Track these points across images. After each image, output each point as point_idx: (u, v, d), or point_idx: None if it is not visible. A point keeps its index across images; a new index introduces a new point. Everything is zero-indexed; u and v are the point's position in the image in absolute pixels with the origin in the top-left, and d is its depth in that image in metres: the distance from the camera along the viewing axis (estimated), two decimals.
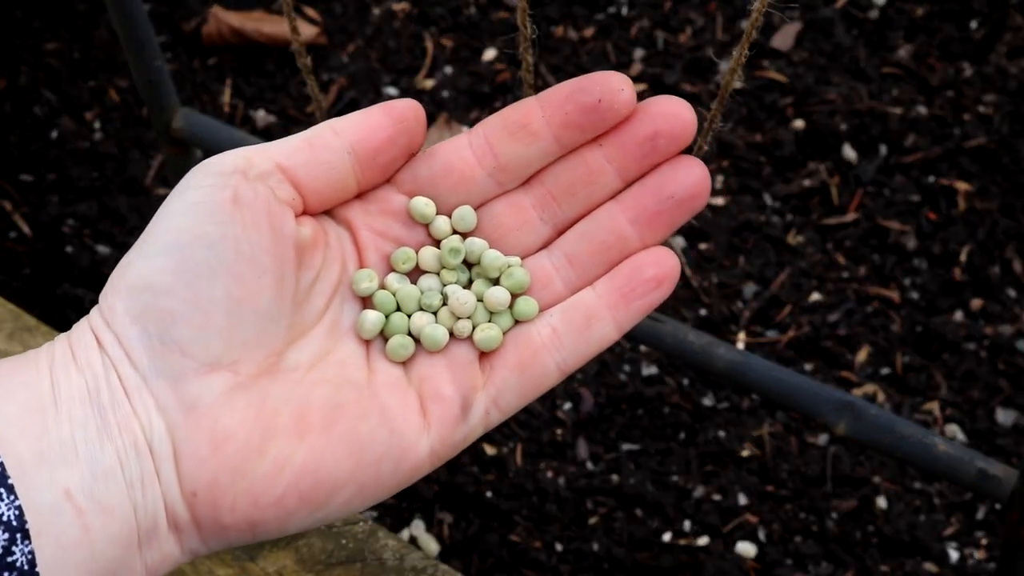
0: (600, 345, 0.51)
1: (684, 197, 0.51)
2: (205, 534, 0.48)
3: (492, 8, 1.52)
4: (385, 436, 0.49)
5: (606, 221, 0.51)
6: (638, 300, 0.51)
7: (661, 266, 0.51)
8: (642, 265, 0.51)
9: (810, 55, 1.44)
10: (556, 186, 0.52)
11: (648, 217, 0.51)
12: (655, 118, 0.51)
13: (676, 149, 0.51)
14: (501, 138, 0.52)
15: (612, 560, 1.08)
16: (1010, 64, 1.42)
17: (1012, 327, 1.23)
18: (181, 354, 0.47)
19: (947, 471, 0.75)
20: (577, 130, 0.51)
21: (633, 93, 0.51)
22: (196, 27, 1.50)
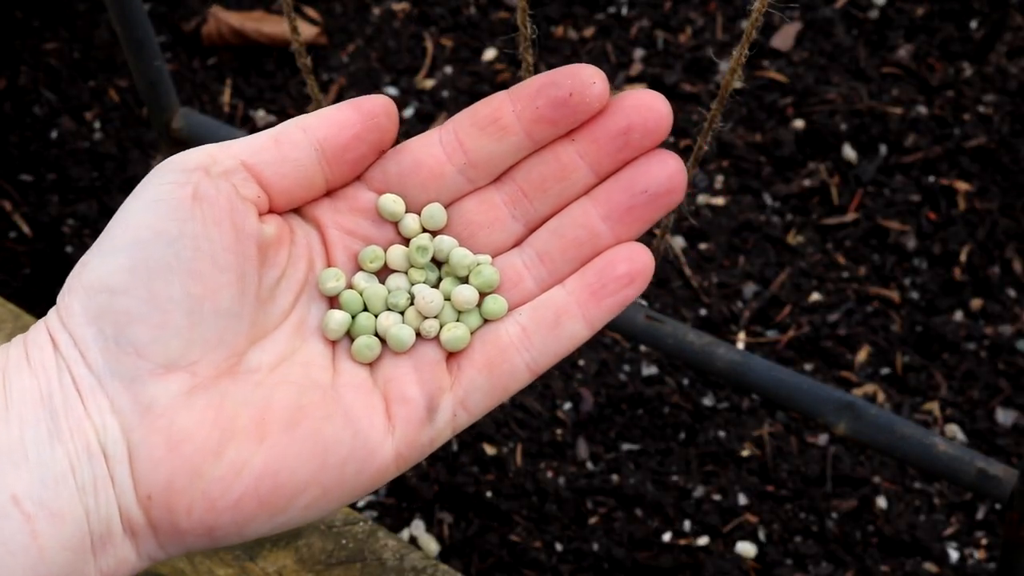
0: (571, 343, 0.50)
1: (658, 192, 0.50)
2: (162, 538, 0.47)
3: (492, 8, 1.52)
4: (348, 438, 0.48)
5: (578, 217, 0.50)
6: (610, 297, 0.50)
7: (634, 262, 0.50)
8: (614, 261, 0.50)
9: (810, 55, 1.44)
10: (528, 182, 0.51)
11: (621, 212, 0.50)
12: (629, 112, 0.49)
13: (651, 143, 0.50)
14: (471, 134, 0.51)
15: (612, 560, 1.08)
16: (1010, 64, 1.42)
17: (1012, 327, 1.23)
18: (137, 355, 0.47)
19: (947, 471, 0.75)
20: (548, 125, 0.50)
21: (606, 86, 0.50)
22: (196, 27, 1.50)
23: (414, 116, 1.42)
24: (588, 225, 0.50)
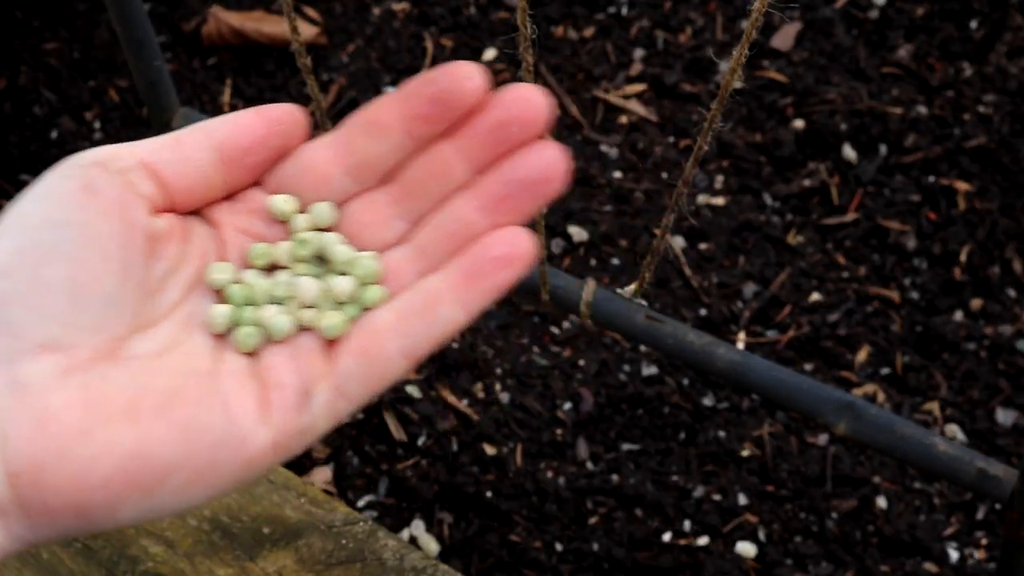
0: (447, 328, 0.51)
1: (533, 180, 0.50)
2: (33, 519, 0.47)
3: (492, 8, 1.52)
4: (221, 423, 0.48)
5: (456, 211, 0.51)
6: (485, 280, 0.50)
7: (511, 245, 0.50)
8: (489, 245, 0.50)
9: (810, 55, 1.44)
10: (411, 181, 0.52)
11: (495, 203, 0.51)
12: (506, 106, 0.50)
13: (530, 136, 0.50)
14: (357, 135, 0.52)
15: (612, 560, 1.08)
16: (1010, 64, 1.42)
17: (1012, 327, 1.23)
18: (14, 335, 0.47)
19: (947, 471, 0.75)
20: (426, 122, 0.51)
21: (482, 82, 0.51)
22: (196, 27, 1.50)
23: None
24: (463, 218, 0.51)
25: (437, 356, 1.21)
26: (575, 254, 1.30)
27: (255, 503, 0.84)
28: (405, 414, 1.15)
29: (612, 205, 1.33)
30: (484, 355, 1.21)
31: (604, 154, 1.38)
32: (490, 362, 1.21)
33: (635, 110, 1.41)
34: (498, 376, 1.20)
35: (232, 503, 0.84)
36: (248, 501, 0.84)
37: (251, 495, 0.85)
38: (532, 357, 1.21)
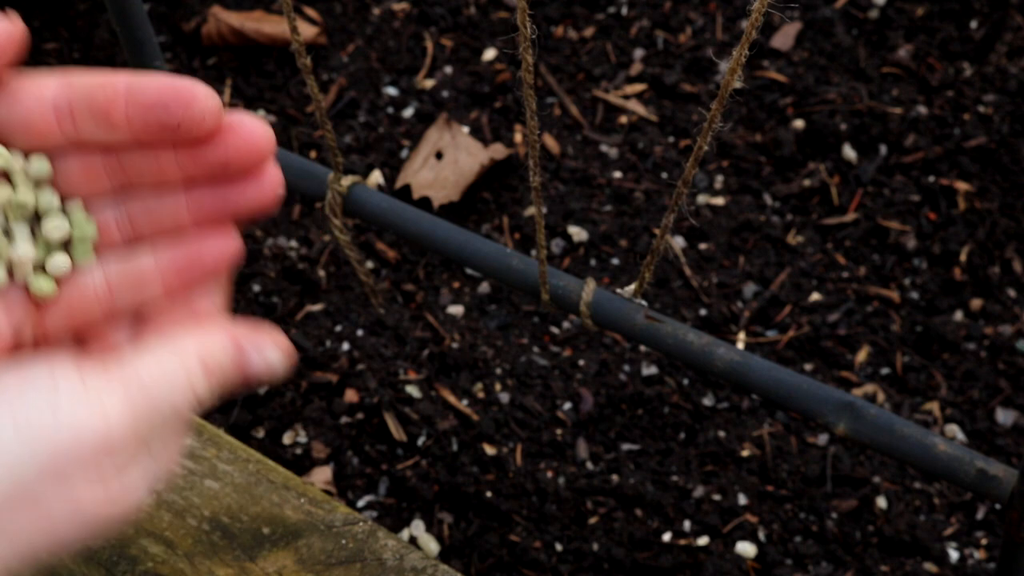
0: (147, 306, 0.54)
1: (247, 208, 0.53)
2: None
3: (492, 8, 1.52)
4: None
5: (170, 206, 0.53)
6: (194, 281, 0.53)
7: (222, 252, 0.53)
8: (205, 247, 0.53)
9: (810, 55, 1.44)
10: (130, 164, 0.54)
11: (209, 217, 0.53)
12: (231, 146, 0.52)
13: (249, 170, 0.52)
14: (84, 114, 0.52)
15: (612, 560, 1.08)
16: (1010, 64, 1.42)
17: (1012, 327, 1.23)
18: None
19: (947, 471, 0.75)
20: (154, 137, 0.52)
21: (217, 119, 0.51)
22: (196, 27, 1.50)
23: (414, 116, 1.42)
24: (177, 217, 0.53)
25: (437, 356, 1.21)
26: (575, 254, 1.30)
27: (255, 503, 0.84)
28: (405, 414, 1.15)
29: (612, 205, 1.33)
30: (484, 355, 1.21)
31: (604, 154, 1.38)
32: (490, 362, 1.21)
33: (635, 110, 1.41)
34: (498, 376, 1.20)
35: (232, 503, 0.84)
36: (248, 501, 0.84)
37: (251, 495, 0.85)
38: (532, 357, 1.21)
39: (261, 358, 0.54)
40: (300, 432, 1.15)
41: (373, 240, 1.31)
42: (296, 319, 1.23)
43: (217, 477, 0.85)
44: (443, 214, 1.33)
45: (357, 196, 0.94)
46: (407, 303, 1.27)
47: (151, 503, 0.84)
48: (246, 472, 0.86)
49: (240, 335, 0.54)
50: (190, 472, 0.86)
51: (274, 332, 0.54)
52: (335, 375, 1.18)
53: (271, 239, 1.31)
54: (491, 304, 1.27)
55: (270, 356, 0.54)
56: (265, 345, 0.54)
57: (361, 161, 1.37)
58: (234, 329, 0.54)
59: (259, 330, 0.54)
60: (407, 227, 0.93)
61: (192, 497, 0.84)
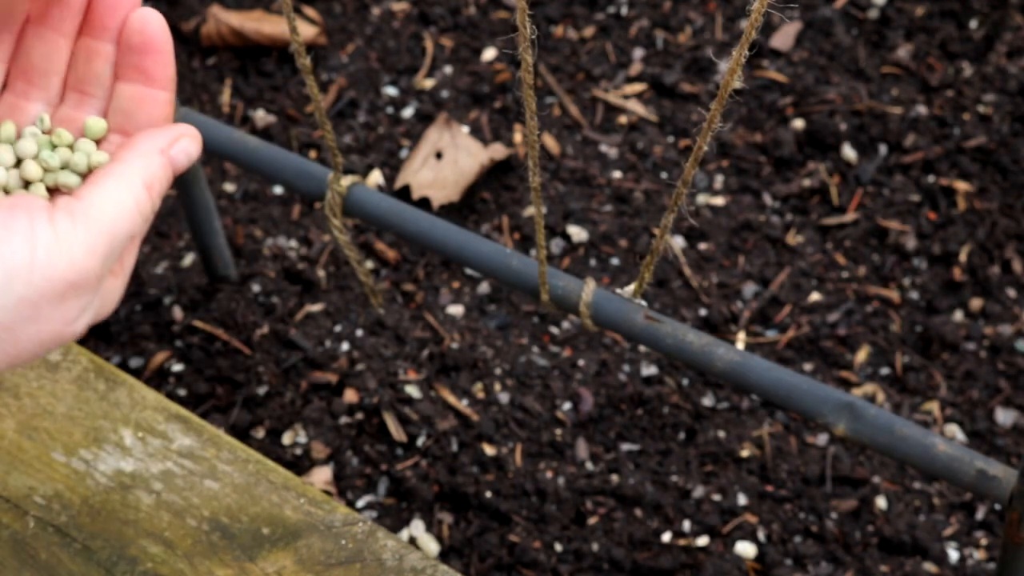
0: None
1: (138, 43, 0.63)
2: None
3: (492, 8, 1.52)
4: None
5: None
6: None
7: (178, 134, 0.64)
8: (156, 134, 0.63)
9: (810, 55, 1.44)
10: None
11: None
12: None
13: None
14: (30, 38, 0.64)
15: (611, 560, 1.08)
16: (1010, 64, 1.42)
17: (1012, 327, 1.23)
18: None
19: (946, 471, 0.75)
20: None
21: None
22: (195, 27, 1.50)
23: (414, 116, 1.42)
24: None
25: (437, 356, 1.21)
26: (575, 254, 1.30)
27: (254, 503, 0.84)
28: (405, 414, 1.15)
29: (612, 205, 1.33)
30: (484, 355, 1.21)
31: (604, 154, 1.38)
32: (490, 362, 1.21)
33: (635, 110, 1.41)
34: (498, 376, 1.20)
35: (232, 504, 0.84)
36: (247, 501, 0.84)
37: (251, 495, 0.84)
38: (532, 357, 1.21)
39: (184, 155, 0.63)
40: (300, 432, 1.15)
41: (373, 240, 1.31)
42: (296, 319, 1.23)
43: (217, 477, 0.85)
44: (443, 214, 1.32)
45: (357, 196, 0.94)
46: (407, 303, 1.27)
47: (151, 503, 0.84)
48: (246, 472, 0.86)
49: (166, 143, 0.62)
50: (190, 472, 0.86)
51: (184, 126, 0.63)
52: (335, 375, 1.18)
53: (271, 239, 1.31)
54: (491, 304, 1.27)
55: (189, 149, 0.63)
56: (183, 140, 0.63)
57: (361, 161, 1.37)
58: (162, 136, 0.62)
59: (176, 129, 0.63)
60: (407, 227, 0.93)
61: (192, 497, 0.84)
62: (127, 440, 0.87)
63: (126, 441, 0.87)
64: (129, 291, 1.26)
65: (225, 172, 1.38)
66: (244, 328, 1.20)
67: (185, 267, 1.29)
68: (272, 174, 1.00)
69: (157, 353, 1.21)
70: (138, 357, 1.22)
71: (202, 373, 1.19)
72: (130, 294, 1.26)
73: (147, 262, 1.29)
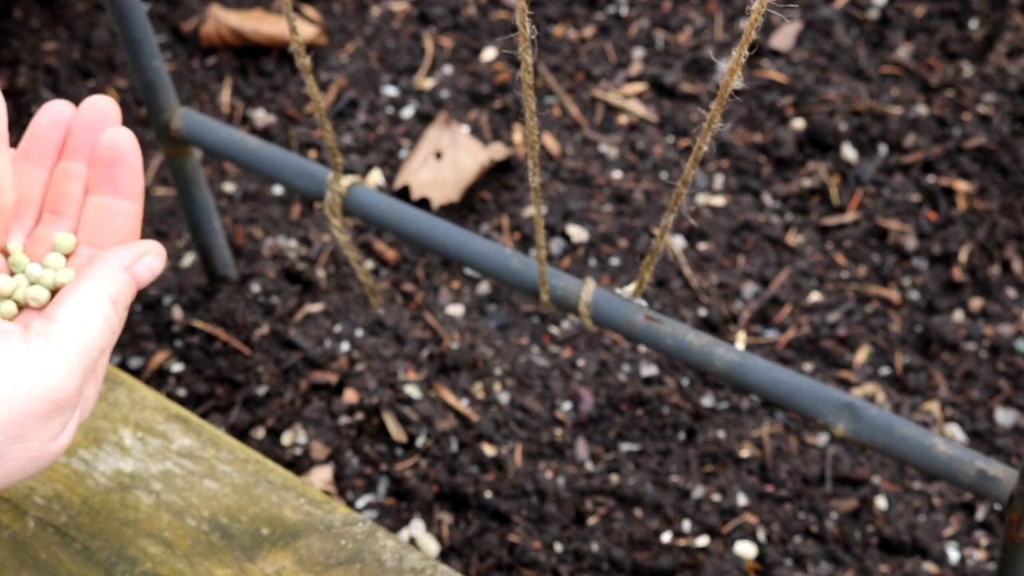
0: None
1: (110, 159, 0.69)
2: None
3: (491, 8, 1.51)
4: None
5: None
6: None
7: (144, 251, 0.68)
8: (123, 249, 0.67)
9: (810, 55, 1.44)
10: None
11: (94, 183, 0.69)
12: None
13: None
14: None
15: (611, 560, 1.08)
16: (1010, 64, 1.42)
17: (1012, 327, 1.23)
18: None
19: (946, 472, 0.75)
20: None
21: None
22: (195, 27, 1.50)
23: (414, 116, 1.42)
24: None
25: (437, 356, 1.21)
26: (575, 254, 1.30)
27: (254, 504, 0.84)
28: (404, 414, 1.15)
29: (612, 205, 1.33)
30: (484, 355, 1.21)
31: (604, 154, 1.38)
32: (490, 362, 1.20)
33: (635, 110, 1.41)
34: (498, 376, 1.20)
35: (231, 504, 0.84)
36: (247, 502, 0.84)
37: (250, 495, 0.84)
38: (532, 357, 1.21)
39: (148, 270, 0.66)
40: (299, 432, 1.15)
41: (372, 240, 1.31)
42: (295, 319, 1.23)
43: (216, 477, 0.85)
44: (442, 214, 1.32)
45: (356, 196, 0.94)
46: (407, 303, 1.27)
47: (151, 503, 0.84)
48: (245, 472, 0.86)
49: (130, 260, 0.65)
50: (189, 472, 0.86)
51: (148, 242, 0.66)
52: (334, 375, 1.18)
53: (270, 239, 1.31)
54: (491, 304, 1.26)
55: (153, 264, 0.66)
56: (147, 257, 0.66)
57: (360, 161, 1.37)
58: (126, 254, 0.65)
59: (140, 245, 0.66)
60: (406, 227, 0.93)
61: (191, 497, 0.84)
62: (127, 440, 0.87)
63: (126, 441, 0.87)
64: None
65: (225, 172, 1.38)
66: (244, 328, 1.20)
67: (185, 267, 1.29)
68: (272, 174, 1.00)
69: (157, 353, 1.21)
70: (138, 357, 1.22)
71: (202, 373, 1.19)
72: None
73: None
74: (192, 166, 1.11)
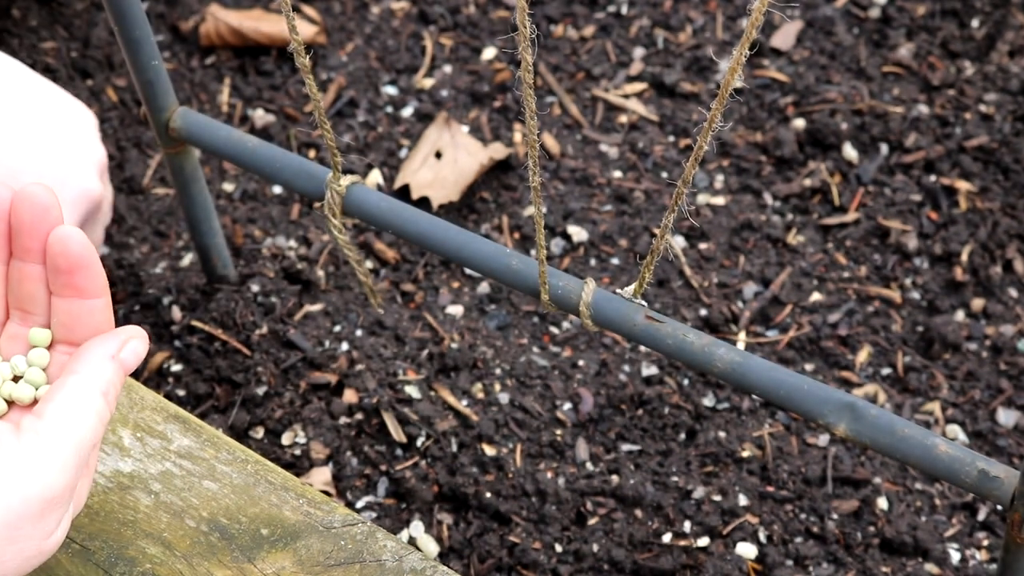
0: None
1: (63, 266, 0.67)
2: None
3: (491, 7, 1.51)
4: None
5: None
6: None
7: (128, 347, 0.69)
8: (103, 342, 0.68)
9: (811, 54, 1.44)
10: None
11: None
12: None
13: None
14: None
15: (612, 561, 1.08)
16: (1012, 63, 1.42)
17: (1014, 327, 1.23)
18: None
19: (948, 472, 0.75)
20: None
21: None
22: (194, 26, 1.50)
23: (413, 115, 1.41)
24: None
25: (436, 356, 1.20)
26: (575, 254, 1.30)
27: (253, 504, 0.84)
28: (404, 414, 1.15)
29: (612, 205, 1.33)
30: (484, 355, 1.21)
31: (604, 154, 1.38)
32: (490, 362, 1.20)
33: (635, 109, 1.41)
34: (498, 376, 1.19)
35: (231, 504, 0.84)
36: (246, 502, 0.84)
37: (249, 496, 0.84)
38: (532, 357, 1.21)
39: (134, 356, 0.66)
40: (299, 433, 1.15)
41: (372, 240, 1.31)
42: (295, 319, 1.22)
43: (215, 478, 0.85)
44: (442, 214, 1.32)
45: (356, 196, 0.94)
46: (406, 303, 1.26)
47: (150, 504, 0.84)
48: (245, 473, 0.85)
49: (115, 348, 0.65)
50: (188, 473, 0.85)
51: (130, 328, 0.66)
52: (334, 375, 1.18)
53: (269, 239, 1.30)
54: (491, 304, 1.26)
55: (138, 349, 0.66)
56: (131, 343, 0.66)
57: (360, 161, 1.37)
58: (110, 343, 0.65)
59: (123, 332, 0.66)
60: (406, 227, 0.93)
61: (190, 498, 0.84)
62: (125, 440, 0.87)
63: (124, 441, 0.87)
64: (127, 291, 1.26)
65: (224, 172, 1.38)
66: (243, 328, 1.20)
67: (184, 267, 1.28)
68: (271, 174, 0.99)
69: (156, 353, 1.20)
70: None
71: (201, 373, 1.19)
72: (128, 294, 1.26)
73: (145, 262, 1.29)
74: (191, 166, 1.10)
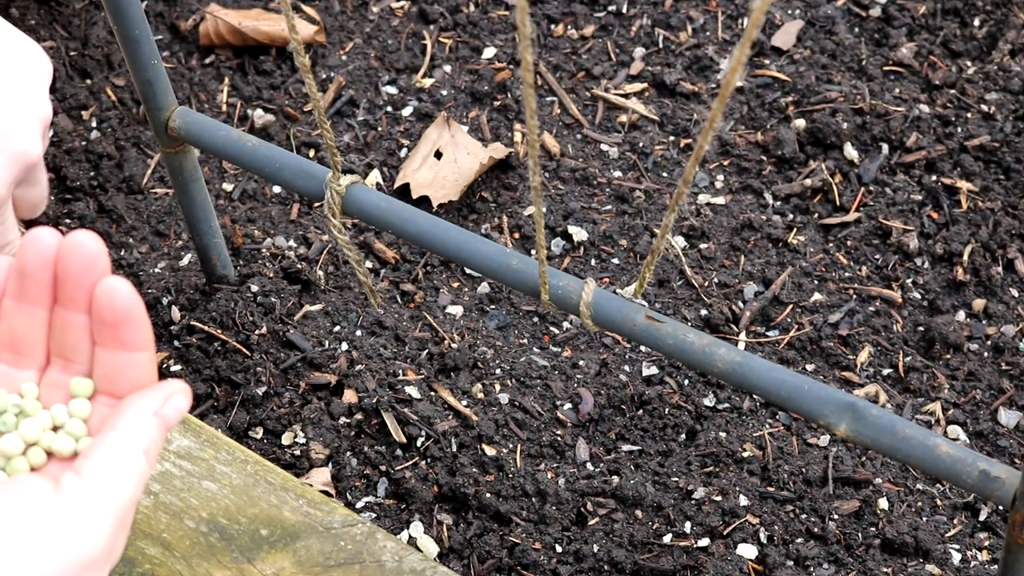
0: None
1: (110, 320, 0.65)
2: None
3: (491, 6, 1.51)
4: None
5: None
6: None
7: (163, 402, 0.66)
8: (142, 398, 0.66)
9: (811, 53, 1.44)
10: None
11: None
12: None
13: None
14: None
15: (612, 562, 1.08)
16: (1013, 62, 1.42)
17: (1015, 327, 1.22)
18: None
19: (949, 473, 0.74)
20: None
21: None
22: (193, 25, 1.50)
23: (413, 115, 1.41)
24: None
25: (436, 356, 1.20)
26: (575, 254, 1.29)
27: (253, 505, 0.84)
28: (404, 415, 1.15)
29: (612, 205, 1.33)
30: (484, 355, 1.20)
31: (604, 153, 1.37)
32: (490, 362, 1.20)
33: (635, 109, 1.41)
34: (498, 376, 1.19)
35: (230, 505, 0.84)
36: (246, 503, 0.84)
37: (249, 496, 0.84)
38: (532, 357, 1.21)
39: (176, 412, 0.64)
40: (299, 433, 1.14)
41: (372, 240, 1.30)
42: (294, 319, 1.22)
43: (215, 478, 0.85)
44: (442, 214, 1.32)
45: (356, 196, 0.94)
46: (406, 303, 1.26)
47: (149, 504, 0.83)
48: (244, 473, 0.85)
49: (158, 404, 0.63)
50: (188, 473, 0.85)
51: (173, 382, 0.64)
52: (334, 375, 1.18)
53: (269, 239, 1.30)
54: (491, 304, 1.26)
55: (180, 405, 0.64)
56: (173, 399, 0.64)
57: (360, 160, 1.37)
58: (152, 399, 0.63)
59: (165, 387, 0.64)
60: (406, 227, 0.92)
61: (190, 499, 0.84)
62: None
63: None
64: None
65: (223, 171, 1.38)
66: (243, 328, 1.20)
67: (183, 267, 1.28)
68: (271, 173, 0.99)
69: (155, 353, 1.20)
70: None
71: (200, 373, 1.18)
72: None
73: (145, 262, 1.29)
74: (190, 165, 1.10)
